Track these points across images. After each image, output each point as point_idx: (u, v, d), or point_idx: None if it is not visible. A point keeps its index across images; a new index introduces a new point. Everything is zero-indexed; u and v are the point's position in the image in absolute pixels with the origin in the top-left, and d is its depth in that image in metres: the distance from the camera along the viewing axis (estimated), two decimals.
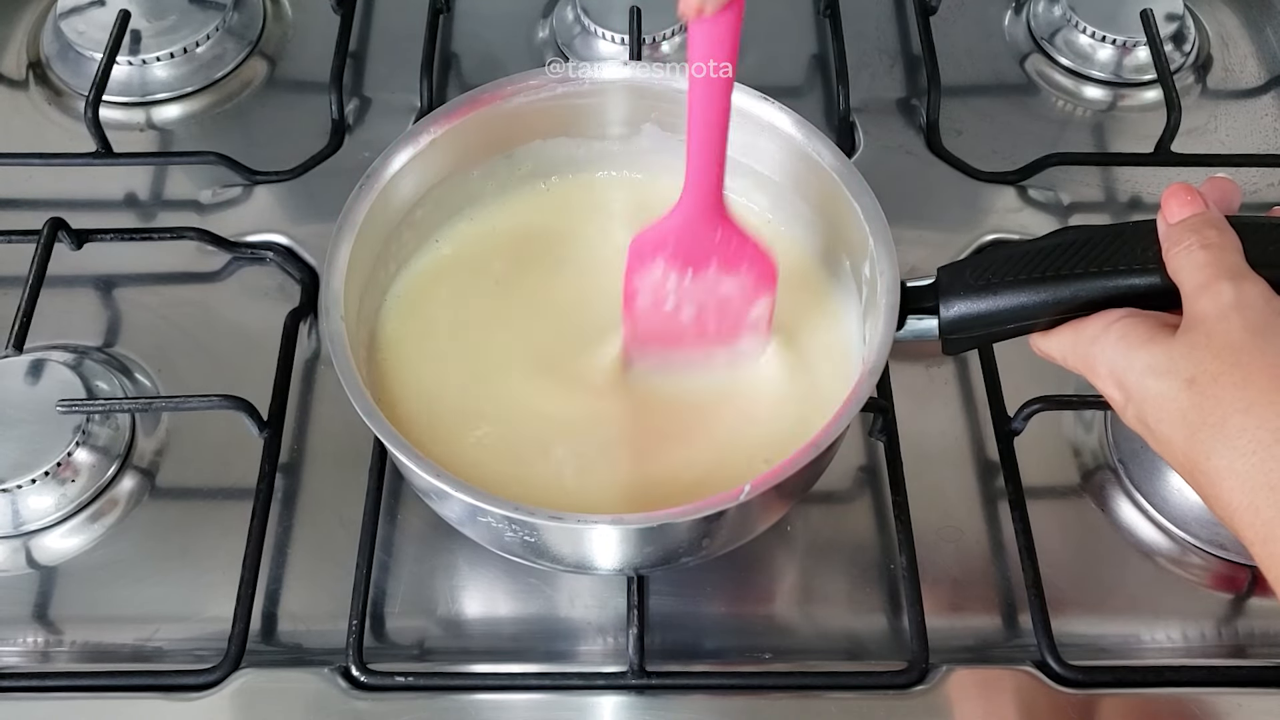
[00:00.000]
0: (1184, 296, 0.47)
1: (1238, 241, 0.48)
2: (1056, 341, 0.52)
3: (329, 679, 0.59)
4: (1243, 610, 0.64)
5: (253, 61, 0.87)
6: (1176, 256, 0.48)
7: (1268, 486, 0.42)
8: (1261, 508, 0.43)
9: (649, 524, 0.51)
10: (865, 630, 0.63)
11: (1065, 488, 0.68)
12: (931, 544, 0.64)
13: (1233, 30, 0.90)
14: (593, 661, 0.61)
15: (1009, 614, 0.63)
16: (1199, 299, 0.46)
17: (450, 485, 0.51)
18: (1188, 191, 0.49)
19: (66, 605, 0.64)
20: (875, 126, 0.82)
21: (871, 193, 0.58)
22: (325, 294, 0.56)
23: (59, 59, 0.86)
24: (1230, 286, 0.46)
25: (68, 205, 0.78)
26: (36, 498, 0.65)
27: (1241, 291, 0.45)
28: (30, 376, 0.67)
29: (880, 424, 0.67)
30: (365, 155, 0.73)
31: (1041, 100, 0.86)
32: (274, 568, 0.64)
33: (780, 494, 0.54)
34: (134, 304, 0.74)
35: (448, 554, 0.64)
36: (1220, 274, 0.46)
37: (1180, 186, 0.49)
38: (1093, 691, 0.59)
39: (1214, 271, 0.46)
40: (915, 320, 0.54)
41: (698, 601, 0.63)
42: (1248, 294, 0.45)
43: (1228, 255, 0.47)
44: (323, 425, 0.69)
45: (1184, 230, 0.48)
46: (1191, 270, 0.47)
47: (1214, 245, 0.47)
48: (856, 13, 0.88)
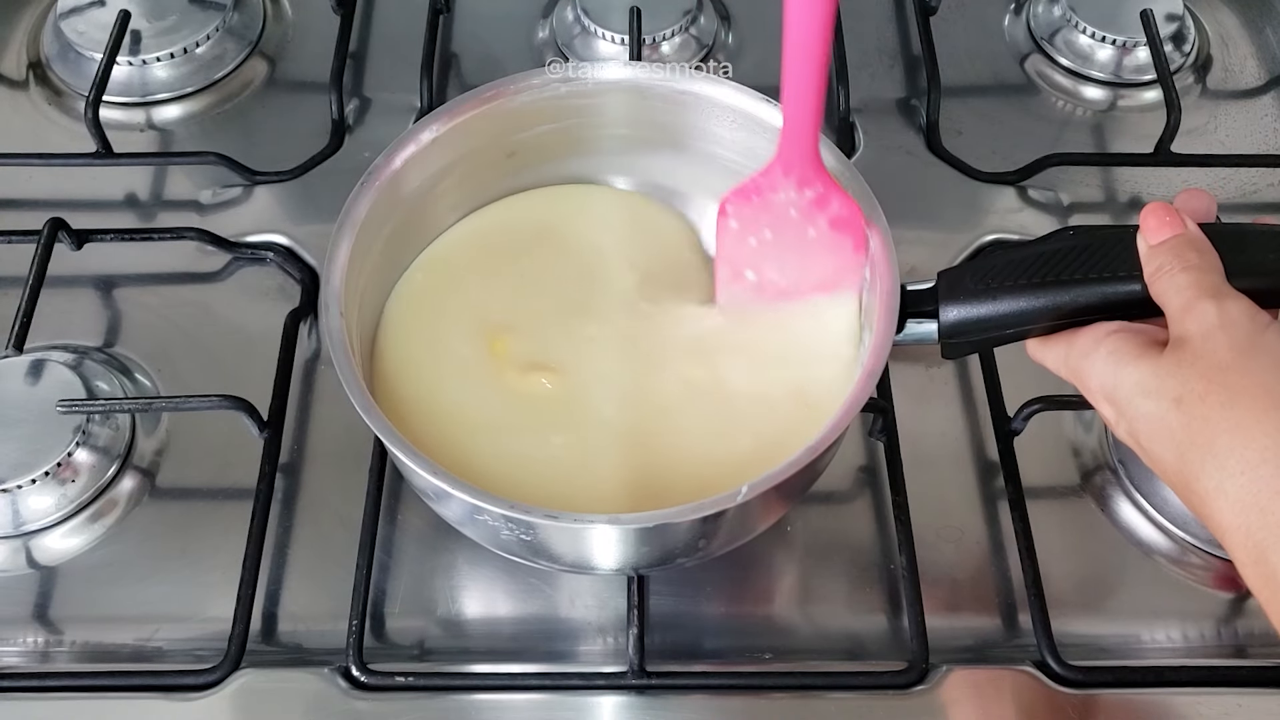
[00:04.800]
0: (1169, 318, 0.48)
1: (1218, 261, 0.48)
2: (1051, 353, 0.52)
3: (329, 679, 0.59)
4: (1243, 610, 0.64)
5: (253, 61, 0.87)
6: (1159, 280, 0.48)
7: (1257, 508, 0.42)
8: (1253, 529, 0.43)
9: (646, 524, 0.51)
10: (865, 630, 0.63)
11: (1065, 488, 0.68)
12: (931, 544, 0.64)
13: (1233, 30, 0.90)
14: (593, 661, 0.61)
15: (1009, 614, 0.63)
16: (1184, 320, 0.47)
17: (449, 484, 0.51)
18: (1167, 211, 0.49)
19: (66, 605, 0.64)
20: (875, 126, 0.82)
21: (871, 194, 0.58)
22: (325, 292, 0.56)
23: (59, 59, 0.86)
24: (1214, 306, 0.46)
25: (68, 205, 0.78)
26: (36, 498, 0.65)
27: (1225, 311, 0.46)
28: (30, 376, 0.67)
29: (880, 424, 0.67)
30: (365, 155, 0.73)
31: (1041, 100, 0.86)
32: (274, 568, 0.64)
33: (780, 494, 0.54)
34: (134, 304, 0.74)
35: (448, 554, 0.64)
36: (1202, 294, 0.46)
37: (1158, 206, 0.50)
38: (1093, 691, 0.59)
39: (1196, 293, 0.47)
40: (915, 324, 0.55)
41: (698, 601, 0.63)
42: (1231, 313, 0.46)
43: (1208, 276, 0.47)
44: (323, 425, 0.69)
45: (1164, 252, 0.48)
46: (1174, 293, 0.47)
47: (1194, 267, 0.48)
48: (856, 13, 0.88)
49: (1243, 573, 0.44)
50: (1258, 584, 0.43)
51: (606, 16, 0.84)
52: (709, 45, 0.86)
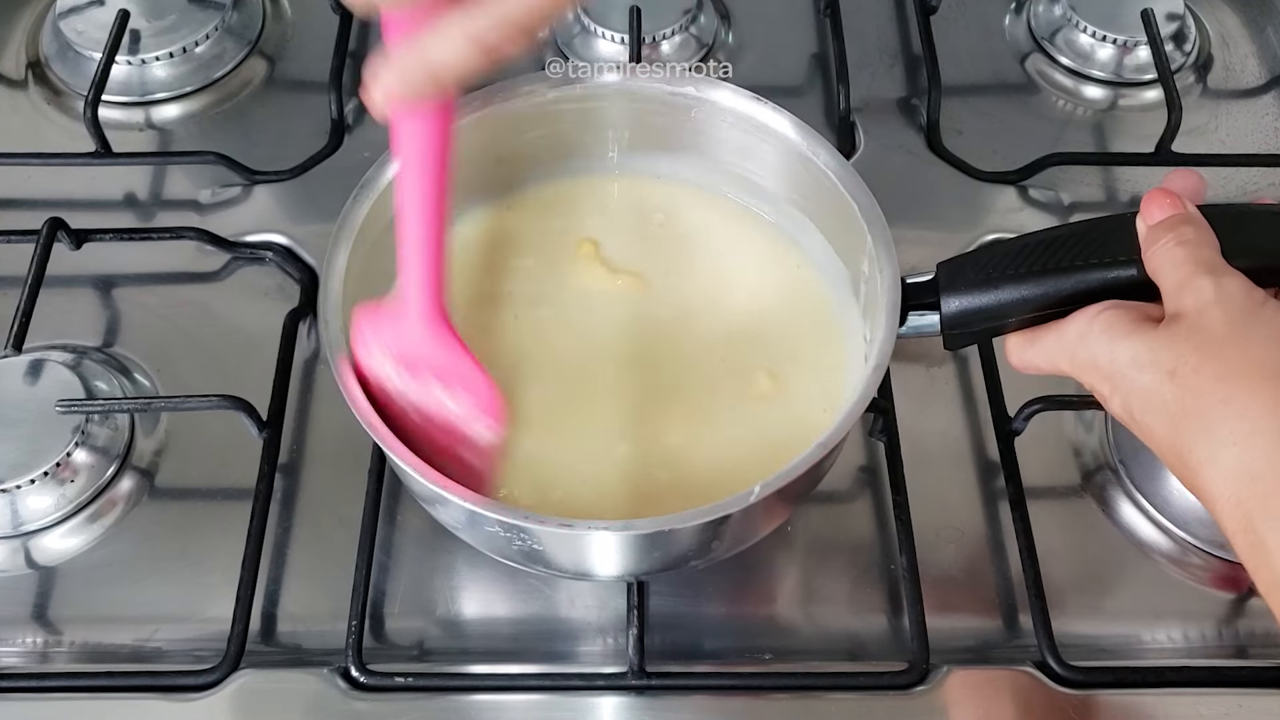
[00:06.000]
0: (1165, 295, 0.48)
1: (1213, 238, 0.48)
2: (1039, 346, 0.52)
3: (328, 679, 0.59)
4: (1243, 610, 0.64)
5: (252, 61, 0.86)
6: (1155, 255, 0.49)
7: (1249, 477, 0.43)
8: (1242, 498, 0.43)
9: (650, 530, 0.50)
10: (865, 630, 0.63)
11: (1065, 488, 0.68)
12: (931, 544, 0.64)
13: (1233, 30, 0.90)
14: (592, 662, 0.61)
15: (1009, 614, 0.63)
16: (1180, 295, 0.47)
17: (450, 492, 0.51)
18: (1166, 195, 0.50)
19: (66, 605, 0.64)
20: (875, 126, 0.82)
21: (870, 192, 0.58)
22: (324, 302, 0.56)
23: (58, 59, 0.86)
24: (1210, 282, 0.46)
25: (67, 205, 0.77)
26: (36, 498, 0.65)
27: (1221, 286, 0.46)
28: (29, 376, 0.67)
29: (880, 424, 0.67)
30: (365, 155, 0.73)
31: (1042, 100, 0.86)
32: (274, 568, 0.64)
33: (785, 496, 0.53)
34: (133, 304, 0.74)
35: (447, 554, 0.64)
36: (1198, 270, 0.47)
37: (1159, 190, 0.50)
38: (1093, 692, 0.59)
39: (1192, 268, 0.47)
40: (916, 316, 0.55)
41: (698, 602, 0.63)
42: (1227, 288, 0.46)
43: (1204, 251, 0.47)
44: (322, 425, 0.69)
45: (1161, 229, 0.49)
46: (1170, 268, 0.48)
47: (1190, 242, 0.48)
48: (856, 12, 0.88)
49: (1232, 543, 0.44)
50: (1245, 552, 0.44)
51: (606, 16, 0.84)
52: (709, 45, 0.86)
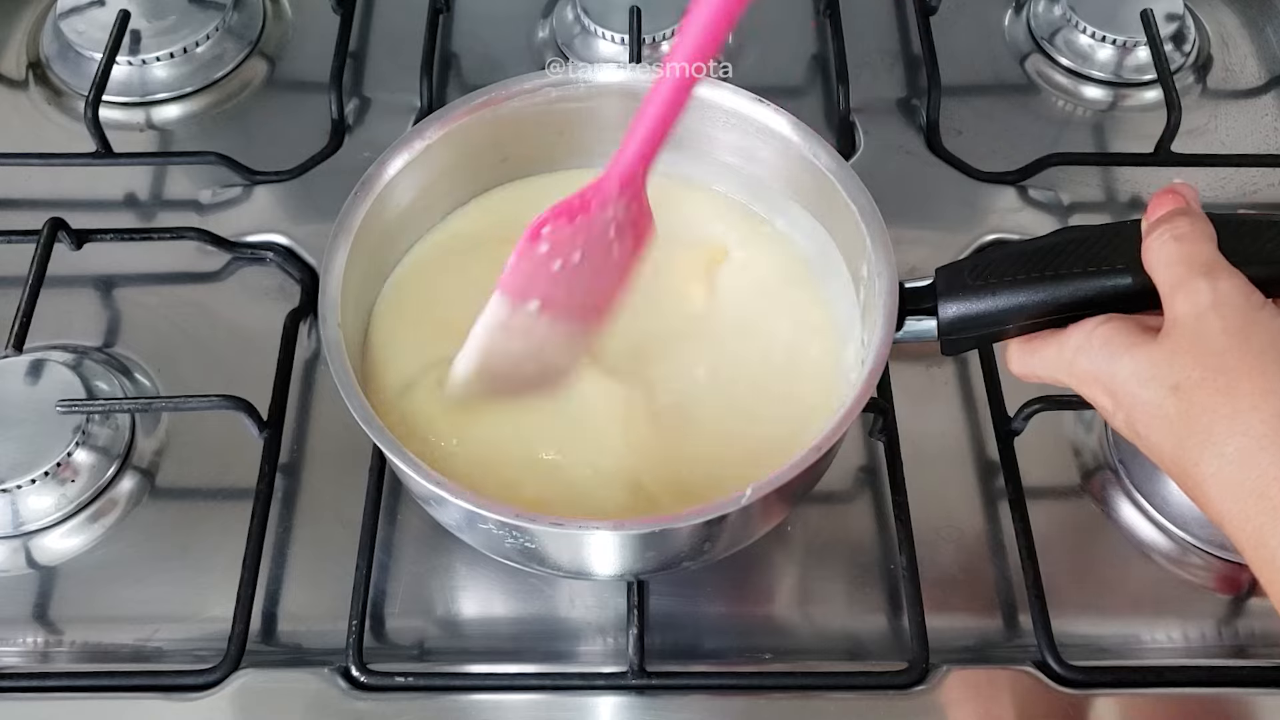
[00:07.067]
0: (1161, 296, 0.47)
1: (1211, 231, 0.47)
2: (1039, 356, 0.52)
3: (329, 679, 0.59)
4: (1243, 610, 0.64)
5: (252, 61, 0.87)
6: (1150, 250, 0.48)
7: (1256, 493, 0.42)
8: (1251, 514, 0.43)
9: (643, 530, 0.51)
10: (865, 630, 0.63)
11: (1065, 488, 0.68)
12: (931, 544, 0.64)
13: (1233, 30, 0.90)
14: (592, 662, 0.61)
15: (1009, 614, 0.63)
16: (1176, 298, 0.46)
17: (448, 492, 0.51)
18: (1169, 192, 0.49)
19: (66, 605, 0.64)
20: (875, 126, 0.82)
21: (868, 194, 0.58)
22: (323, 304, 0.56)
23: (59, 59, 0.86)
24: (1206, 285, 0.45)
25: (67, 205, 0.77)
26: (36, 498, 0.65)
27: (1218, 290, 0.45)
28: (30, 376, 0.67)
29: (880, 424, 0.67)
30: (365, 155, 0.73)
31: (1041, 100, 0.86)
32: (274, 568, 0.64)
33: (781, 497, 0.53)
34: (134, 304, 0.74)
35: (447, 554, 0.64)
36: (1194, 270, 0.46)
37: (1164, 189, 0.50)
38: (1093, 691, 0.59)
39: (1186, 268, 0.46)
40: (914, 321, 0.54)
41: (698, 602, 0.63)
42: (1224, 292, 0.45)
43: (1199, 246, 0.47)
44: (322, 425, 0.69)
45: (1158, 224, 0.48)
46: (1165, 266, 0.47)
47: (1185, 236, 0.47)
48: (856, 13, 0.88)
49: (1244, 556, 0.44)
50: (1259, 567, 0.43)
51: (606, 16, 0.84)
52: None
